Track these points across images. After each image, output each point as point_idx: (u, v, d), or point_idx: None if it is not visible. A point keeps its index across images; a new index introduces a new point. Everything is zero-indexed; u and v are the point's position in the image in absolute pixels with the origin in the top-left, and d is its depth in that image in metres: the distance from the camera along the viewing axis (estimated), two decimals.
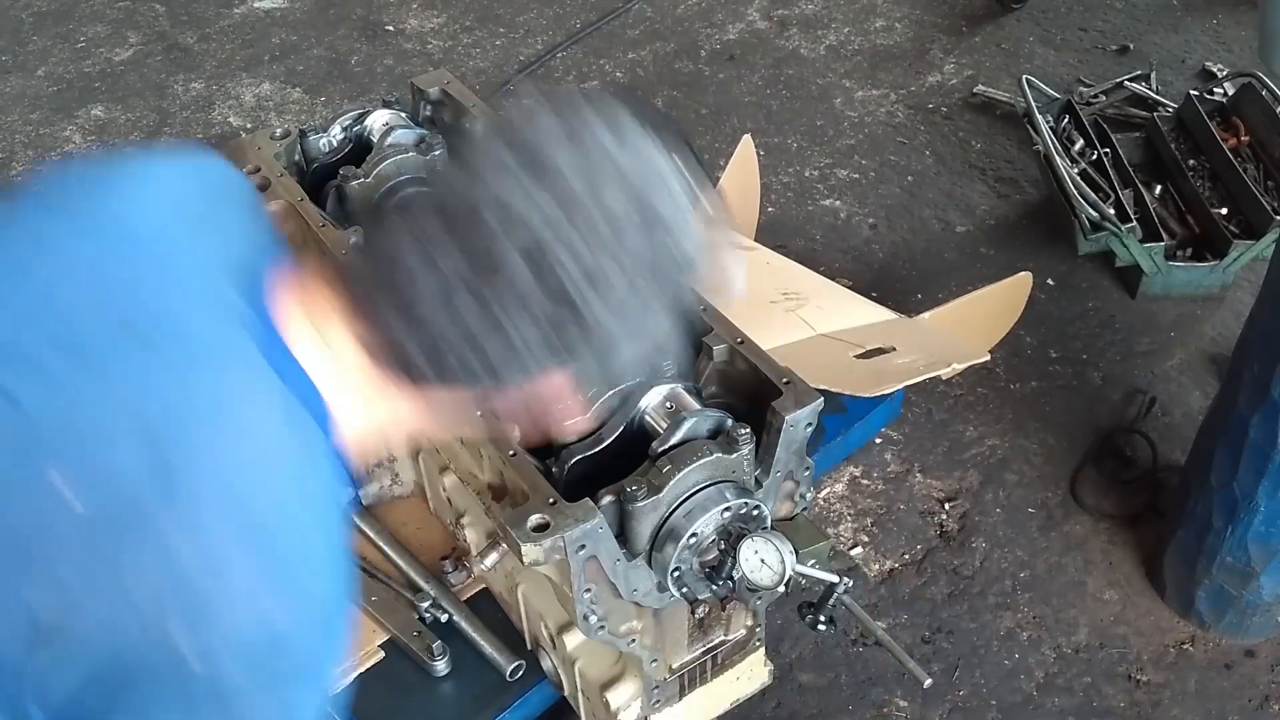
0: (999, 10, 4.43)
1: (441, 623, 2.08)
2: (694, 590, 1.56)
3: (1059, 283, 3.31)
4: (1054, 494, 2.78)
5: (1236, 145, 3.43)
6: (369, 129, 2.13)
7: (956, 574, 2.62)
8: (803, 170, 3.76)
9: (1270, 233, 3.07)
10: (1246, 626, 2.45)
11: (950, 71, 4.18)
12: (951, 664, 2.45)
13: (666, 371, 1.60)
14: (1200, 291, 3.22)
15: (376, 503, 2.28)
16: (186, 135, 3.97)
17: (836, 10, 4.52)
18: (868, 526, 2.71)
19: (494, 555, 1.62)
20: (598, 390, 1.56)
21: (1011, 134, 3.84)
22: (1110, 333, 3.17)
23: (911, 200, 3.63)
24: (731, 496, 1.52)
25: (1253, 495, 2.21)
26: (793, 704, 2.38)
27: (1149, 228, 3.17)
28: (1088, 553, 2.66)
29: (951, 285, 3.29)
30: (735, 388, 1.68)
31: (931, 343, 2.55)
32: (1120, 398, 2.99)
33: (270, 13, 4.60)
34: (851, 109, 4.02)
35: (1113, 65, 4.12)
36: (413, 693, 2.02)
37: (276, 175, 2.01)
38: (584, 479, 1.55)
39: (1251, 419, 2.15)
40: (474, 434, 1.60)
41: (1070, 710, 2.38)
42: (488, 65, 4.28)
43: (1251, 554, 2.29)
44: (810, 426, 1.58)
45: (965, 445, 2.89)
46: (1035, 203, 3.59)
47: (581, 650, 1.84)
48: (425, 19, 4.54)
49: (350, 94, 4.14)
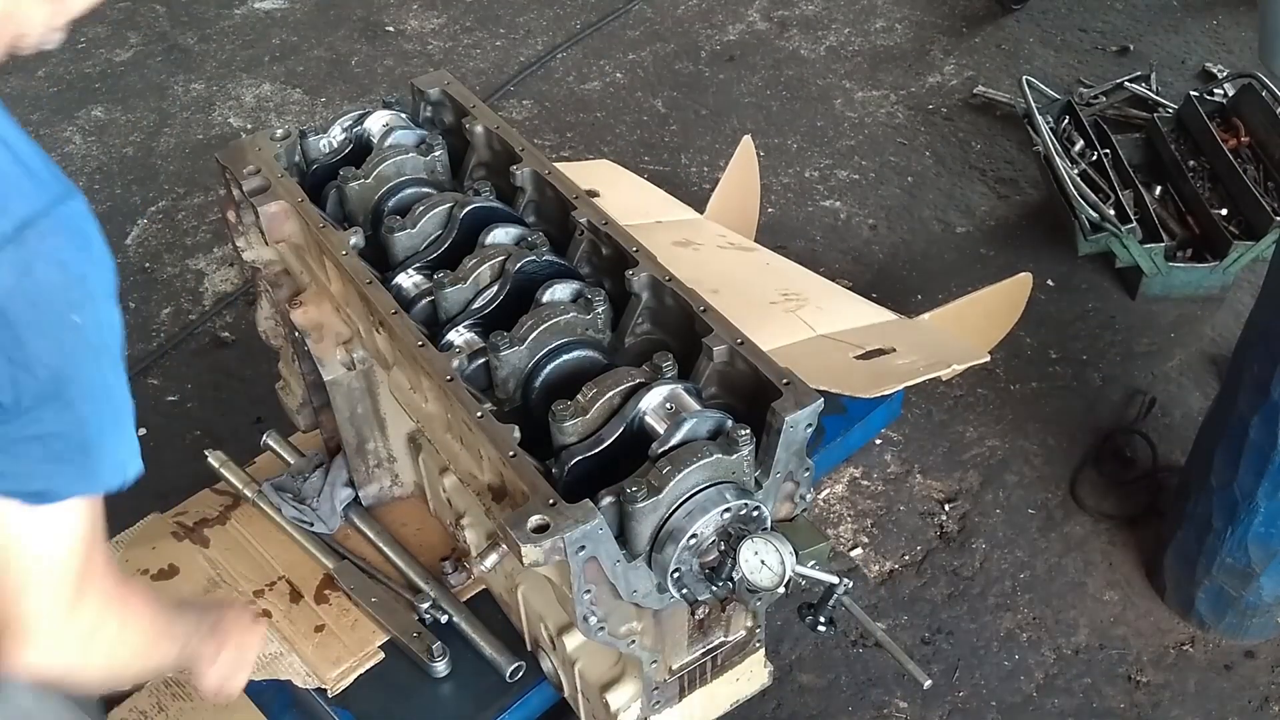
0: (999, 11, 4.44)
1: (441, 623, 2.08)
2: (694, 591, 1.56)
3: (1059, 283, 3.31)
4: (1054, 495, 2.78)
5: (1236, 146, 3.43)
6: (369, 130, 2.13)
7: (956, 575, 2.62)
8: (803, 171, 3.76)
9: (1270, 233, 3.07)
10: (1246, 627, 2.45)
11: (950, 72, 4.18)
12: (951, 665, 2.46)
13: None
14: (1200, 292, 3.22)
15: (376, 503, 2.28)
16: (186, 136, 3.97)
17: (836, 11, 4.53)
18: (867, 527, 2.71)
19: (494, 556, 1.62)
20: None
21: (1011, 135, 3.84)
22: (1110, 333, 3.17)
23: (911, 201, 3.63)
24: (731, 497, 1.52)
25: (1253, 496, 2.21)
26: (793, 705, 2.38)
27: (1149, 228, 3.18)
28: (1088, 553, 2.66)
29: (951, 286, 3.29)
30: (735, 388, 1.68)
31: (931, 343, 2.55)
32: (1120, 398, 2.99)
33: (270, 13, 4.60)
34: (851, 110, 4.02)
35: (1113, 66, 4.12)
36: (413, 693, 2.02)
37: (276, 176, 2.01)
38: (584, 480, 1.55)
39: (1251, 419, 2.15)
40: None
41: (1070, 711, 2.38)
42: (488, 66, 4.29)
43: (1251, 554, 2.29)
44: (810, 427, 1.58)
45: (965, 446, 2.89)
46: (1035, 203, 3.59)
47: (581, 651, 1.84)
48: (425, 20, 4.54)
49: (350, 95, 4.15)
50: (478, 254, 1.84)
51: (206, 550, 2.25)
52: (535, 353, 1.72)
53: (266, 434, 2.37)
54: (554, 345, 1.72)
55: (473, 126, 2.09)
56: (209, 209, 3.64)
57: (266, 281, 2.14)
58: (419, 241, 1.92)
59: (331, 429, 2.21)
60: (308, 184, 2.06)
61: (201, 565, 2.22)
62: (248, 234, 2.08)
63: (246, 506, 2.30)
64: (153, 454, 2.85)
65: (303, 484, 2.28)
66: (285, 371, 2.36)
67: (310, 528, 2.23)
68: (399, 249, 1.91)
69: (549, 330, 1.72)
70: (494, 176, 2.10)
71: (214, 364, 3.15)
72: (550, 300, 1.77)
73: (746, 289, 2.62)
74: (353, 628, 2.09)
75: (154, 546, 2.26)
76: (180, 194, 3.73)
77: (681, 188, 3.63)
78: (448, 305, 1.81)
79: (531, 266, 1.81)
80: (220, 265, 3.45)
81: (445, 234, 1.91)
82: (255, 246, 2.10)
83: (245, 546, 2.25)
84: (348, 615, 2.12)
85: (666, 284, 1.74)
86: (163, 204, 3.69)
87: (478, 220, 1.90)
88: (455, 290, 1.80)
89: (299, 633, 2.09)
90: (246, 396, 3.00)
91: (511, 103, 4.09)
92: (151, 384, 3.10)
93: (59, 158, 3.87)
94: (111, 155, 3.89)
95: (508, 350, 1.69)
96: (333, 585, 2.16)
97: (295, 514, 2.24)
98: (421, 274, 1.89)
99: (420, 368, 1.72)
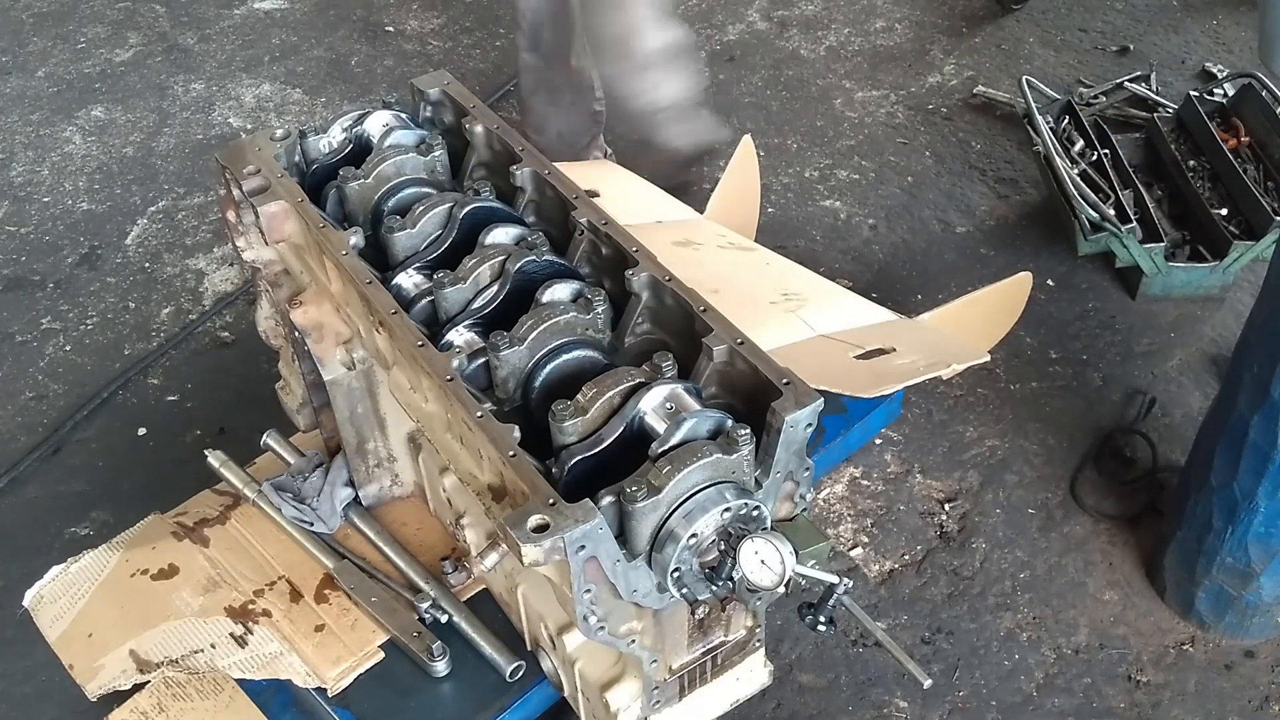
0: (999, 11, 4.44)
1: (441, 623, 2.08)
2: (694, 591, 1.56)
3: (1059, 283, 3.31)
4: (1054, 495, 2.78)
5: (1236, 146, 3.43)
6: (369, 130, 2.13)
7: (956, 575, 2.62)
8: (803, 171, 3.76)
9: (1270, 233, 3.07)
10: (1246, 627, 2.45)
11: (950, 72, 4.18)
12: (951, 665, 2.46)
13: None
14: (1200, 292, 3.22)
15: (376, 503, 2.28)
16: (186, 136, 3.97)
17: (836, 11, 4.53)
18: (868, 527, 2.72)
19: (494, 556, 1.62)
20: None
21: (1011, 135, 3.84)
22: (1110, 333, 3.17)
23: (911, 201, 3.63)
24: (731, 497, 1.52)
25: (1253, 496, 2.21)
26: (793, 704, 2.38)
27: (1149, 228, 3.18)
28: (1088, 553, 2.66)
29: (951, 286, 3.29)
30: (735, 388, 1.68)
31: (931, 343, 2.55)
32: (1120, 398, 2.99)
33: (270, 13, 4.60)
34: (851, 110, 4.02)
35: (1113, 66, 4.12)
36: (413, 693, 2.02)
37: (276, 176, 2.01)
38: (584, 479, 1.56)
39: (1251, 419, 2.15)
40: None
41: (1070, 711, 2.38)
42: (488, 66, 4.29)
43: (1251, 554, 2.29)
44: (810, 427, 1.58)
45: (965, 446, 2.89)
46: (1035, 203, 3.59)
47: (581, 651, 1.84)
48: (425, 20, 4.54)
49: (350, 95, 4.15)
50: (478, 254, 1.84)
51: (206, 550, 2.25)
52: (535, 352, 1.72)
53: (266, 434, 2.37)
54: (554, 345, 1.72)
55: (472, 126, 2.10)
56: (209, 209, 3.64)
57: (266, 281, 2.14)
58: (419, 241, 1.92)
59: (331, 429, 2.21)
60: (308, 184, 2.06)
61: (201, 565, 2.22)
62: (248, 234, 2.08)
63: (246, 506, 2.31)
64: (152, 454, 2.90)
65: (303, 484, 2.28)
66: (285, 371, 2.36)
67: (310, 528, 2.24)
68: (399, 249, 1.91)
69: (549, 330, 1.72)
70: (494, 176, 2.11)
71: (214, 364, 3.15)
72: (550, 300, 1.77)
73: (746, 289, 2.62)
74: (353, 627, 2.10)
75: (154, 546, 2.26)
76: (180, 194, 3.73)
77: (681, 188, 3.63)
78: (448, 305, 1.81)
79: (531, 266, 1.81)
80: (220, 265, 3.45)
81: (445, 234, 1.91)
82: (255, 246, 2.10)
83: (245, 546, 2.25)
84: (348, 615, 2.12)
85: (666, 284, 1.75)
86: (163, 204, 3.69)
87: (478, 220, 1.91)
88: (455, 290, 1.80)
89: (299, 632, 2.09)
90: (246, 396, 3.00)
91: (511, 103, 4.09)
92: (151, 384, 3.10)
93: (59, 157, 3.87)
94: (111, 155, 3.89)
95: (508, 350, 1.69)
96: (333, 585, 2.16)
97: (295, 514, 2.24)
98: (421, 274, 1.89)
99: (420, 368, 1.72)
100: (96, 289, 3.39)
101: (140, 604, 2.16)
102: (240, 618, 2.12)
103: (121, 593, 2.19)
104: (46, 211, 3.66)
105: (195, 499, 2.38)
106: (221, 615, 2.12)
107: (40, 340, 3.23)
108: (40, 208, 3.67)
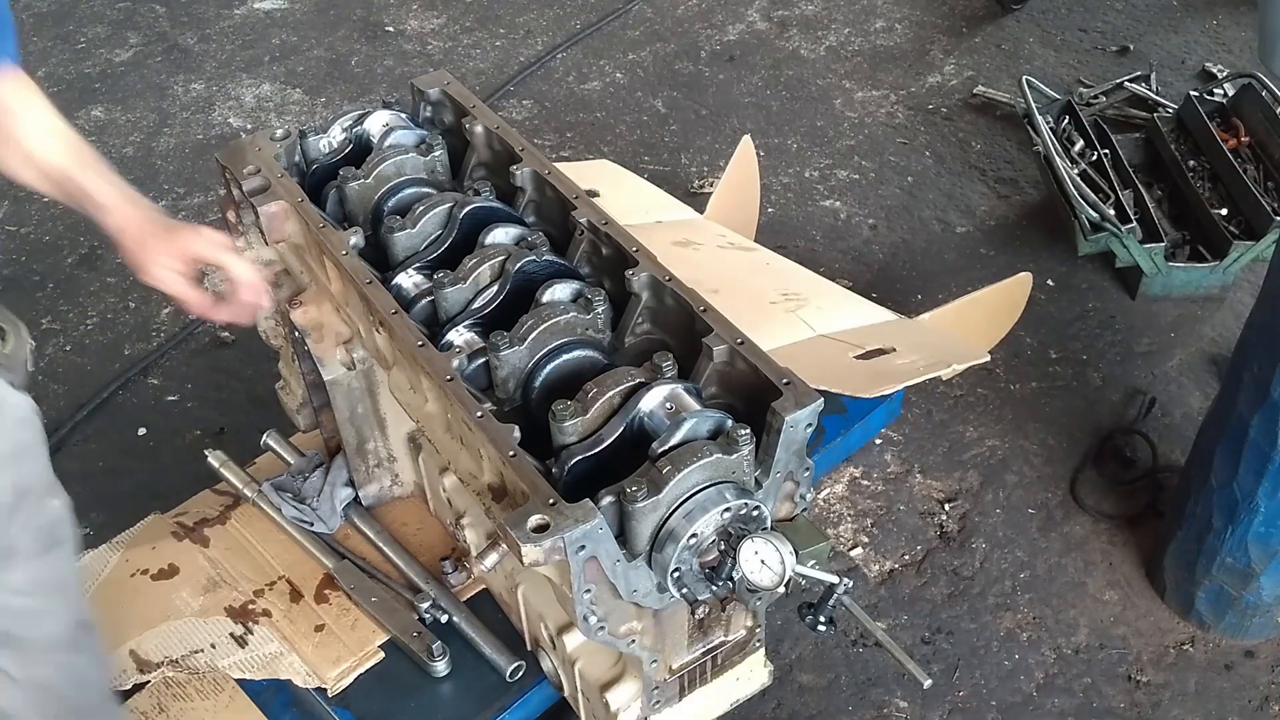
0: (999, 11, 4.44)
1: (441, 623, 2.08)
2: (694, 591, 1.56)
3: (1059, 283, 3.31)
4: (1054, 495, 2.78)
5: (1236, 146, 3.43)
6: (369, 130, 2.13)
7: (956, 575, 2.62)
8: (803, 171, 3.76)
9: (1270, 233, 3.07)
10: (1246, 627, 2.45)
11: (950, 72, 4.18)
12: (951, 665, 2.46)
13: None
14: (1200, 292, 3.22)
15: (376, 503, 2.28)
16: (186, 136, 3.97)
17: (836, 11, 4.53)
18: (868, 527, 2.72)
19: (494, 556, 1.62)
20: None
21: (1011, 135, 3.84)
22: (1110, 333, 3.17)
23: (911, 201, 3.63)
24: (731, 497, 1.52)
25: (1253, 495, 2.21)
26: (793, 704, 2.38)
27: (1149, 228, 3.18)
28: (1088, 553, 2.66)
29: (951, 286, 3.29)
30: (735, 388, 1.68)
31: (931, 343, 2.55)
32: (1120, 398, 2.99)
33: (270, 13, 4.60)
34: (851, 110, 4.02)
35: (1113, 66, 4.12)
36: (413, 693, 2.02)
37: (276, 176, 2.01)
38: (584, 479, 1.55)
39: (1251, 419, 2.15)
40: None
41: (1070, 711, 2.38)
42: (488, 66, 4.29)
43: (1251, 554, 2.29)
44: (810, 427, 1.58)
45: (965, 446, 2.89)
46: (1035, 203, 3.59)
47: (581, 651, 1.84)
48: (425, 20, 4.54)
49: (350, 95, 4.15)
50: (478, 254, 1.84)
51: (206, 550, 2.25)
52: (535, 352, 1.72)
53: (266, 434, 2.37)
54: (554, 345, 1.72)
55: (473, 126, 2.09)
56: (209, 209, 3.64)
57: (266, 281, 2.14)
58: (419, 241, 1.92)
59: (331, 429, 2.21)
60: (308, 184, 2.06)
61: (201, 565, 2.22)
62: (248, 234, 2.08)
63: (246, 506, 2.31)
64: (153, 454, 2.90)
65: (303, 484, 2.28)
66: (285, 371, 2.36)
67: (310, 528, 2.24)
68: (399, 249, 1.91)
69: (549, 330, 1.72)
70: (494, 176, 2.10)
71: (214, 364, 3.15)
72: (550, 300, 1.77)
73: (746, 289, 2.62)
74: (353, 627, 2.10)
75: (154, 546, 2.26)
76: (180, 194, 3.73)
77: (681, 188, 3.64)
78: (448, 305, 1.81)
79: (531, 266, 1.81)
80: None
81: (445, 234, 1.91)
82: (255, 246, 2.10)
83: (245, 546, 2.25)
84: (348, 615, 2.12)
85: (666, 284, 1.74)
86: (163, 204, 3.69)
87: (478, 220, 1.91)
88: (455, 290, 1.80)
89: (299, 632, 2.09)
90: (246, 396, 3.00)
91: (511, 103, 4.09)
92: (151, 384, 3.10)
93: None
94: (111, 155, 3.89)
95: (508, 350, 1.69)
96: (333, 585, 2.16)
97: (295, 514, 2.24)
98: (421, 274, 1.89)
99: (420, 368, 1.72)
100: (96, 289, 3.39)
101: (140, 604, 2.16)
102: (240, 618, 2.12)
103: (121, 593, 2.18)
104: (46, 211, 3.65)
105: (195, 499, 2.38)
106: (221, 615, 2.12)
107: (40, 340, 3.23)
108: (40, 208, 3.67)
